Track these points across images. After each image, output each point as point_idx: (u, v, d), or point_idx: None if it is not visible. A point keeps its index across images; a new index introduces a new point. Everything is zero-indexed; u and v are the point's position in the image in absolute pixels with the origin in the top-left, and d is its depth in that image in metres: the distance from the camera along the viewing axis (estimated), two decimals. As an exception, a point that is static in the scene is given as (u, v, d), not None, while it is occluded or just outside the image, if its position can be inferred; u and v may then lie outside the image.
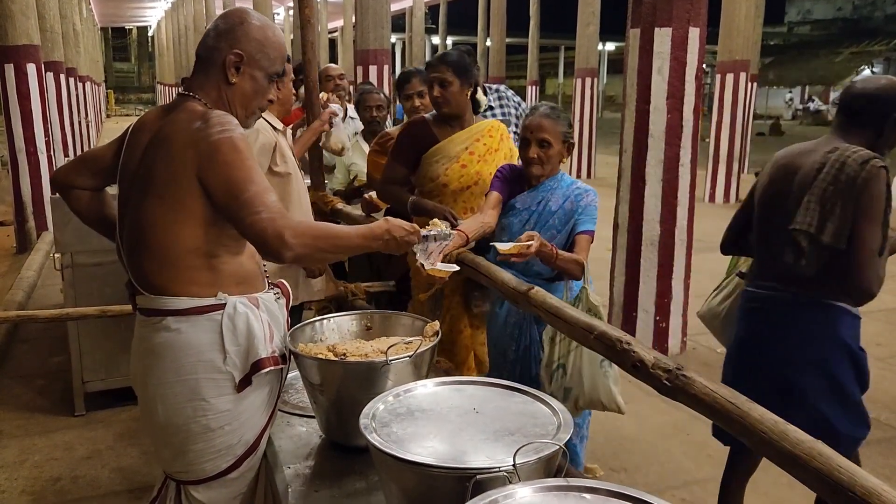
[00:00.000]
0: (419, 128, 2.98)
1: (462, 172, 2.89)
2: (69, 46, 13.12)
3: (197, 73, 1.79)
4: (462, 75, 2.83)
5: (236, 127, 1.68)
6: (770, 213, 2.24)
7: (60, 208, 3.54)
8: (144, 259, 1.71)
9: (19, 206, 7.42)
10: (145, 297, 1.72)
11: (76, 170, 1.93)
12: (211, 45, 1.76)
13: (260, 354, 1.73)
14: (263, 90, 1.82)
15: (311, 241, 1.61)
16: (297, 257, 1.61)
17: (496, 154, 2.92)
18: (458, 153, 2.89)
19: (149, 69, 52.74)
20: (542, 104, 2.60)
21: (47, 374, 4.29)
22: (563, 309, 1.86)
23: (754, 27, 10.93)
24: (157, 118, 1.77)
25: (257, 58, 1.76)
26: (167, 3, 31.64)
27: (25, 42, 7.18)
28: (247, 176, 1.61)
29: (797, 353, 2.17)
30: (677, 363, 1.53)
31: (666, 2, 4.35)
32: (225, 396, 1.72)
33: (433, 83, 2.85)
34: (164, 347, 1.71)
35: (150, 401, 1.76)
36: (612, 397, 2.27)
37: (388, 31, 7.51)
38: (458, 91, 2.83)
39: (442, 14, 26.93)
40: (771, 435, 1.26)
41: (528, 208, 2.53)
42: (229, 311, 1.70)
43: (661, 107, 4.45)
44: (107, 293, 3.50)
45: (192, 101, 1.74)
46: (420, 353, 1.79)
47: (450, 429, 1.44)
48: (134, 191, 1.73)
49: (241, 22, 1.76)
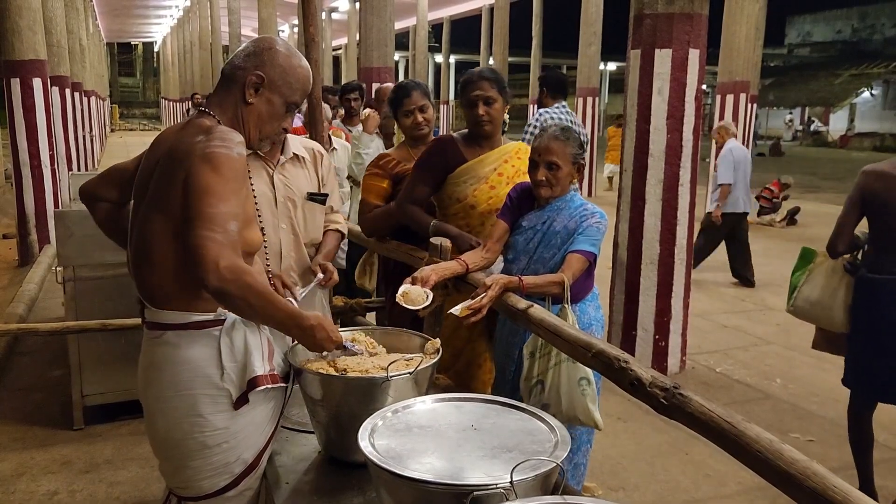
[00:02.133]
0: (448, 146, 2.86)
1: (491, 194, 2.79)
2: (75, 61, 13.23)
3: (218, 90, 1.83)
4: (503, 92, 2.76)
5: (237, 146, 1.68)
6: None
7: (63, 222, 3.57)
8: (148, 272, 1.73)
9: (22, 220, 7.46)
10: (151, 310, 1.75)
11: (102, 183, 1.99)
12: (237, 65, 1.81)
13: (256, 372, 1.73)
14: (279, 116, 1.85)
15: (242, 287, 1.54)
16: (219, 291, 1.55)
17: (524, 177, 2.76)
18: (486, 174, 2.79)
19: (153, 84, 53.12)
20: (552, 126, 2.56)
21: (47, 387, 4.29)
22: (562, 327, 1.88)
23: (754, 49, 11.01)
24: (173, 133, 1.80)
25: (278, 83, 1.81)
26: (172, 20, 31.97)
27: (32, 57, 7.25)
28: (223, 194, 1.59)
29: None
30: (675, 382, 1.54)
31: (666, 24, 4.40)
32: (222, 413, 1.72)
33: (476, 101, 2.72)
34: (163, 361, 1.72)
35: (152, 414, 1.78)
36: (590, 415, 2.26)
37: (392, 49, 7.58)
38: (501, 109, 2.76)
39: (445, 32, 27.19)
40: (766, 454, 1.27)
41: (533, 227, 2.53)
42: (227, 328, 1.72)
43: (662, 127, 4.48)
44: (108, 307, 3.51)
45: (205, 117, 1.77)
46: (421, 369, 1.81)
47: (448, 445, 1.45)
48: (143, 204, 1.76)
49: (269, 47, 1.82)
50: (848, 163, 24.05)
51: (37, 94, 7.29)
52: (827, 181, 17.99)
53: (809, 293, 3.29)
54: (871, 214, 3.02)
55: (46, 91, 7.43)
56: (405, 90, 3.17)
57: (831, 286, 3.21)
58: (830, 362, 4.95)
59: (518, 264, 2.55)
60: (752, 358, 5.06)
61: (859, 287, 3.08)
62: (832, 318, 3.22)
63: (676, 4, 4.38)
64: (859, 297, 3.08)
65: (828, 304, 3.22)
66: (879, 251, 3.02)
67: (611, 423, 3.90)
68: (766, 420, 4.05)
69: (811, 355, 5.08)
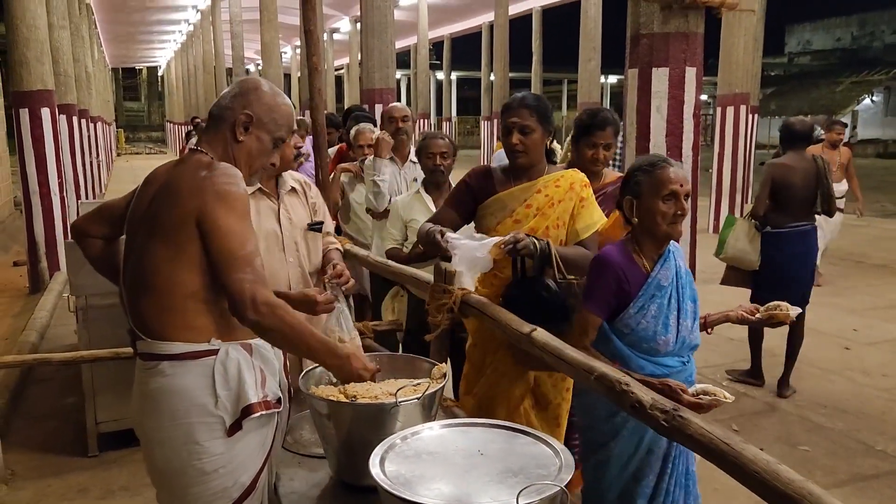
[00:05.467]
0: (479, 177, 2.72)
1: (514, 228, 2.55)
2: (81, 89, 13.41)
3: (208, 130, 1.91)
4: (544, 122, 2.57)
5: (241, 182, 1.78)
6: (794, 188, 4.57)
7: (75, 252, 3.62)
8: (144, 303, 1.79)
9: (32, 247, 7.54)
10: (144, 341, 1.80)
11: (93, 219, 2.06)
12: (225, 105, 1.89)
13: (250, 399, 1.78)
14: (267, 152, 1.93)
15: (278, 320, 1.71)
16: (258, 325, 1.71)
17: (558, 206, 2.60)
18: (513, 207, 2.62)
19: (158, 108, 53.54)
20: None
21: (61, 414, 4.34)
22: (565, 351, 1.92)
23: (753, 60, 11.10)
24: (166, 171, 1.89)
25: (265, 121, 1.89)
26: (176, 44, 32.29)
27: (40, 87, 7.36)
28: (243, 235, 1.73)
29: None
30: (675, 404, 1.59)
31: (662, 43, 4.46)
32: (217, 440, 1.77)
33: (511, 129, 2.55)
34: (159, 392, 1.78)
35: (149, 445, 1.84)
36: None
37: (394, 70, 7.68)
38: (539, 140, 2.56)
39: (446, 50, 27.39)
40: (763, 475, 1.31)
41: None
42: (221, 357, 1.78)
43: (661, 144, 4.53)
44: (120, 334, 3.49)
45: (199, 155, 1.85)
46: (428, 394, 1.86)
47: (456, 471, 1.50)
48: (139, 236, 1.83)
49: (255, 88, 1.90)
50: (851, 170, 23.96)
51: (45, 124, 7.39)
52: (831, 189, 17.95)
53: (735, 244, 4.67)
54: (774, 191, 4.55)
55: (55, 120, 7.54)
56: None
57: (748, 238, 4.62)
58: (837, 374, 4.99)
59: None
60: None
61: (765, 238, 4.60)
62: (751, 260, 4.61)
63: (672, 24, 4.44)
64: (765, 244, 4.59)
65: (747, 250, 4.61)
66: (778, 213, 4.56)
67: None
68: (774, 433, 4.07)
69: (818, 367, 5.11)
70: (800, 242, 4.56)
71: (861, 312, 6.52)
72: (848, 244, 9.21)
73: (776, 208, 4.55)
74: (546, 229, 2.56)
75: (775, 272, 4.53)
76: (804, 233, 4.58)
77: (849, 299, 7.00)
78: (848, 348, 5.54)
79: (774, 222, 4.55)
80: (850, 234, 9.98)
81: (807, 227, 4.59)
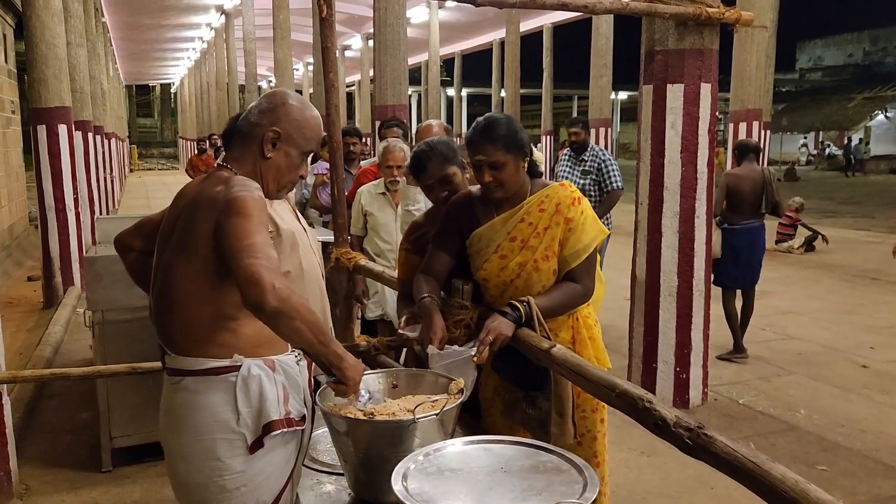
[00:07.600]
0: (461, 209, 2.49)
1: (501, 265, 2.37)
2: (97, 105, 13.56)
3: (235, 146, 1.91)
4: (514, 149, 2.30)
5: (256, 190, 1.77)
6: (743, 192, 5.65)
7: (93, 267, 3.65)
8: (169, 318, 1.80)
9: (47, 262, 7.60)
10: (171, 356, 1.81)
11: (133, 233, 2.11)
12: (253, 122, 1.89)
13: (271, 416, 1.77)
14: (296, 166, 1.93)
15: (294, 307, 1.59)
16: (277, 312, 1.57)
17: (545, 235, 2.34)
18: (497, 241, 2.38)
19: (171, 124, 54.12)
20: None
21: (75, 429, 4.35)
22: (586, 367, 1.91)
23: (765, 76, 11.11)
24: (196, 185, 1.90)
25: (294, 136, 1.89)
26: (189, 61, 32.68)
27: (58, 104, 7.46)
28: (254, 228, 1.66)
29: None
30: (698, 420, 1.57)
31: (677, 60, 4.47)
32: (238, 457, 1.76)
33: (480, 166, 2.32)
34: (183, 408, 1.78)
35: (172, 459, 1.84)
36: None
37: (406, 87, 7.72)
38: (513, 170, 2.31)
39: (457, 66, 27.56)
40: (792, 494, 1.29)
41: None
42: (244, 374, 1.76)
43: (676, 160, 4.54)
44: (135, 349, 3.56)
45: (223, 171, 1.86)
46: (446, 410, 1.84)
47: (479, 488, 1.48)
48: (166, 253, 1.84)
49: (282, 103, 1.90)
50: (865, 186, 23.82)
51: (62, 141, 7.48)
52: (845, 206, 17.89)
53: None
54: (728, 195, 5.61)
55: (71, 137, 7.63)
56: (420, 163, 2.67)
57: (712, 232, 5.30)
58: (855, 393, 4.93)
59: None
60: (775, 388, 5.02)
61: (723, 232, 5.62)
62: (715, 251, 5.30)
63: (687, 40, 4.45)
64: (723, 237, 5.62)
65: (713, 241, 5.13)
66: (731, 213, 5.63)
67: (634, 457, 3.89)
68: (791, 452, 4.02)
69: (835, 385, 5.06)
70: (748, 236, 5.65)
71: (878, 330, 6.46)
72: (863, 261, 9.16)
73: (729, 209, 5.64)
74: (535, 262, 2.34)
75: (730, 259, 5.66)
76: (752, 229, 5.67)
77: (865, 317, 6.93)
78: (866, 366, 5.48)
79: (729, 220, 5.64)
80: (865, 251, 9.92)
81: (754, 224, 5.67)
